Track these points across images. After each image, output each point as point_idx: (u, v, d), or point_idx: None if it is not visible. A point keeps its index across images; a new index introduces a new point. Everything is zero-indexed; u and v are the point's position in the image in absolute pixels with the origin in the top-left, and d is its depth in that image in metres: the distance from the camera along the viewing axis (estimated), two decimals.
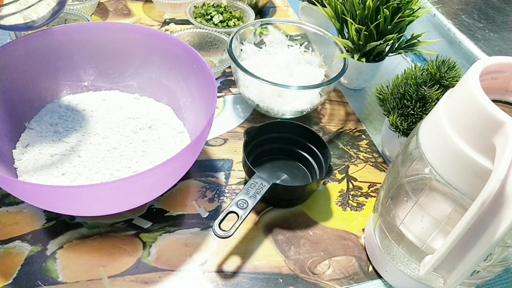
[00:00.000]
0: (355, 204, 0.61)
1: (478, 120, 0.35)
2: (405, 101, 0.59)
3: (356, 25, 0.68)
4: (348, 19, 0.69)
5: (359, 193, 0.62)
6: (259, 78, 0.63)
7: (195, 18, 0.87)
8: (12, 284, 0.47)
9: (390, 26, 0.67)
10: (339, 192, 0.62)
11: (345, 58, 0.69)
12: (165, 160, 0.45)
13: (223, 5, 0.91)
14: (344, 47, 0.72)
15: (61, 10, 0.49)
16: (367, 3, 0.66)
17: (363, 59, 0.70)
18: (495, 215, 0.33)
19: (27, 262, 0.49)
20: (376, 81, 0.76)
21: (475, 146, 0.35)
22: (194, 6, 0.89)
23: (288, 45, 0.78)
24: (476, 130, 0.35)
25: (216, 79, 0.78)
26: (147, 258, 0.51)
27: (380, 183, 0.64)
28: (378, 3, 0.66)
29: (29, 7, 0.44)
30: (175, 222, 0.55)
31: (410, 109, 0.58)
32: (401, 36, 0.71)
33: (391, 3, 0.66)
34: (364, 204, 0.61)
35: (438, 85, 0.58)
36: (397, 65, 0.87)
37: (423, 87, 0.58)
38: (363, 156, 0.68)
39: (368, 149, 0.69)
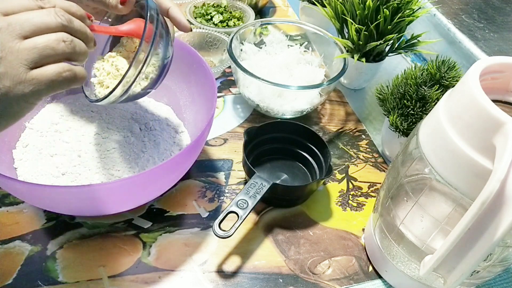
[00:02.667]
0: (355, 204, 0.61)
1: (478, 120, 0.35)
2: (405, 101, 0.59)
3: (356, 25, 0.68)
4: (348, 19, 0.69)
5: (359, 193, 0.62)
6: (259, 78, 0.63)
7: (195, 18, 0.87)
8: (12, 284, 0.47)
9: (390, 26, 0.67)
10: (339, 192, 0.62)
11: (345, 58, 0.69)
12: (165, 160, 0.45)
13: (223, 5, 0.91)
14: (344, 47, 0.72)
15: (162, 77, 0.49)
16: (367, 3, 0.66)
17: (363, 59, 0.70)
18: (495, 215, 0.33)
19: (27, 262, 0.49)
20: (376, 81, 0.76)
21: (475, 146, 0.35)
22: (194, 6, 0.89)
23: (288, 45, 0.78)
24: (476, 130, 0.35)
25: (216, 79, 0.78)
26: (147, 258, 0.51)
27: (380, 183, 0.64)
28: (378, 3, 0.66)
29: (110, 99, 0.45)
30: (175, 222, 0.55)
31: (410, 109, 0.58)
32: (401, 36, 0.71)
33: (391, 3, 0.66)
34: (364, 204, 0.61)
35: (438, 85, 0.58)
36: (397, 65, 0.87)
37: (423, 87, 0.58)
38: (363, 156, 0.68)
39: (368, 149, 0.69)
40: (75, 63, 0.36)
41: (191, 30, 0.50)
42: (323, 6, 0.77)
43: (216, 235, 0.47)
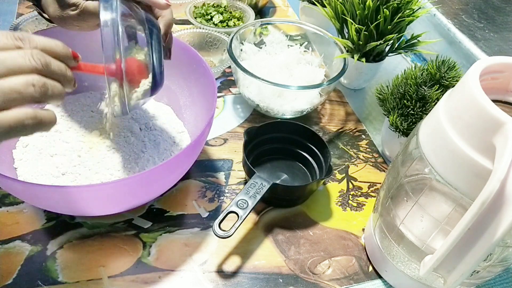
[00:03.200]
0: (355, 204, 0.61)
1: (478, 120, 0.35)
2: (405, 101, 0.59)
3: (356, 25, 0.68)
4: (348, 19, 0.69)
5: (359, 193, 0.62)
6: (259, 78, 0.63)
7: (195, 18, 0.87)
8: (12, 284, 0.47)
9: (390, 26, 0.67)
10: (339, 192, 0.62)
11: (345, 58, 0.69)
12: (165, 160, 0.45)
13: (223, 5, 0.91)
14: (344, 47, 0.72)
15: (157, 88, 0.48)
16: (367, 3, 0.66)
17: (363, 59, 0.70)
18: (495, 215, 0.33)
19: (27, 262, 0.49)
20: (376, 81, 0.76)
21: (475, 146, 0.35)
22: (194, 6, 0.89)
23: (288, 45, 0.78)
24: (476, 130, 0.35)
25: (216, 79, 0.78)
26: (147, 258, 0.51)
27: (380, 183, 0.64)
28: (378, 3, 0.66)
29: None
30: (175, 222, 0.55)
31: (410, 109, 0.58)
32: (401, 36, 0.71)
33: (391, 3, 0.66)
34: (364, 204, 0.61)
35: (438, 85, 0.58)
36: (397, 65, 0.87)
37: (423, 87, 0.58)
38: (363, 156, 0.68)
39: (368, 149, 0.69)
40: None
41: (169, 5, 0.47)
42: (323, 6, 0.77)
43: (216, 235, 0.47)
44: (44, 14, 0.51)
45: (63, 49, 0.36)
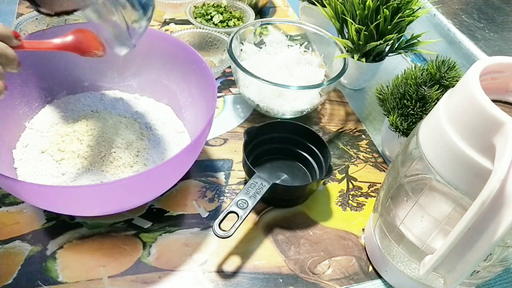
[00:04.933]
0: (355, 204, 0.61)
1: (478, 120, 0.35)
2: (405, 101, 0.59)
3: (356, 25, 0.68)
4: (348, 19, 0.69)
5: (359, 193, 0.62)
6: (259, 78, 0.63)
7: (195, 18, 0.87)
8: (12, 284, 0.47)
9: (390, 26, 0.67)
10: (339, 192, 0.62)
11: (345, 58, 0.69)
12: (165, 160, 0.45)
13: (223, 5, 0.91)
14: (344, 47, 0.72)
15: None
16: (367, 3, 0.66)
17: (363, 59, 0.70)
18: (495, 215, 0.33)
19: (27, 262, 0.49)
20: (376, 81, 0.76)
21: (475, 146, 0.35)
22: (194, 6, 0.89)
23: (288, 45, 0.78)
24: (476, 130, 0.35)
25: (216, 79, 0.78)
26: (147, 258, 0.51)
27: (380, 183, 0.64)
28: (378, 3, 0.66)
29: None
30: (175, 222, 0.55)
31: (410, 109, 0.59)
32: (401, 36, 0.71)
33: (391, 3, 0.66)
34: (364, 204, 0.61)
35: (438, 85, 0.58)
36: (397, 65, 0.87)
37: (423, 87, 0.58)
38: (363, 156, 0.68)
39: (368, 149, 0.69)
40: None
41: None
42: (323, 6, 0.77)
43: (216, 235, 0.47)
44: (42, 9, 0.50)
45: (2, 29, 0.36)
